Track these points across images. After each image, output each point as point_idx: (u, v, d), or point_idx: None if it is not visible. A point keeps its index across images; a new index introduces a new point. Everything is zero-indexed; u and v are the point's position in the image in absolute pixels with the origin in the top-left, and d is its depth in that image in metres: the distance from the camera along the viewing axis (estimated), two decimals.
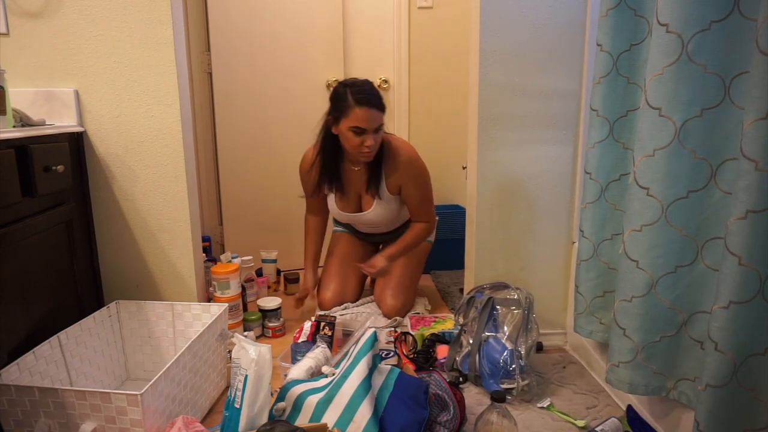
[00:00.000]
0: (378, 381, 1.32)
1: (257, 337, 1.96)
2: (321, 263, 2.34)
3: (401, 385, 1.33)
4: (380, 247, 2.29)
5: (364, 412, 1.21)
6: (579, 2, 1.67)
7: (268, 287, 2.44)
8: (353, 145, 1.90)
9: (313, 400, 1.26)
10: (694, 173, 1.12)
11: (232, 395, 1.25)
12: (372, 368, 1.32)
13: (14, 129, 1.32)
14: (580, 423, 1.41)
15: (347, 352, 1.45)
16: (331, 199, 2.16)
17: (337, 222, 2.37)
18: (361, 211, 2.14)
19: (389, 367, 1.41)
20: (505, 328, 1.59)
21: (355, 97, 1.83)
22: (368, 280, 2.35)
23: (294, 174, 2.22)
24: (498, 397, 1.22)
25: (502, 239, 1.82)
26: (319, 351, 1.55)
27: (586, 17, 1.67)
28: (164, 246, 1.72)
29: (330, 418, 1.22)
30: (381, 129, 1.91)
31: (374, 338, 1.38)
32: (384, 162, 2.02)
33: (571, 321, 1.67)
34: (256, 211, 2.73)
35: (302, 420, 1.24)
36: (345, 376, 1.29)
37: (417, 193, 2.07)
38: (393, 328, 1.98)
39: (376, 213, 2.11)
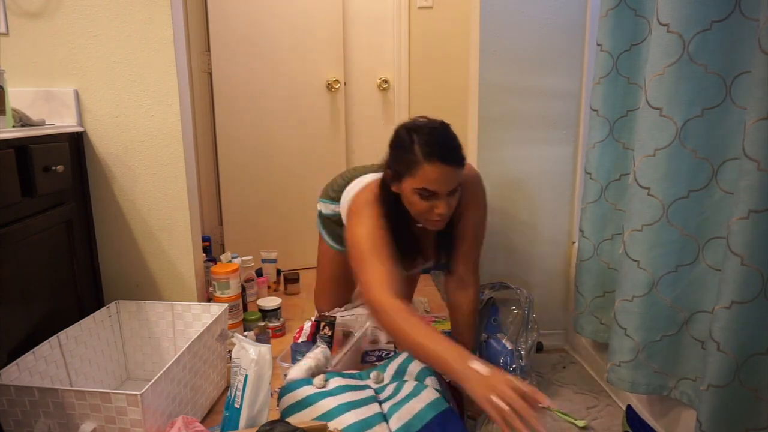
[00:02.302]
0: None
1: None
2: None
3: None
4: None
5: None
6: (579, 2, 1.67)
7: (268, 287, 2.44)
8: (419, 211, 1.34)
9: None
10: (695, 173, 1.12)
11: (232, 395, 1.25)
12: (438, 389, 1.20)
13: (14, 129, 1.32)
14: (581, 423, 1.41)
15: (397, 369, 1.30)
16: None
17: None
18: (415, 267, 1.62)
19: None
20: (505, 328, 1.59)
21: (425, 149, 1.28)
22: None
23: (294, 173, 2.21)
24: None
25: (502, 239, 1.82)
26: (319, 351, 1.55)
27: (586, 17, 1.67)
28: (164, 246, 1.72)
29: None
30: (458, 191, 1.34)
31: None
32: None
33: (572, 321, 1.67)
34: (256, 211, 2.73)
35: None
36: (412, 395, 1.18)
37: (473, 226, 1.47)
38: None
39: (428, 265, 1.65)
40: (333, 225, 1.81)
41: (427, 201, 1.32)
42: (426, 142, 1.30)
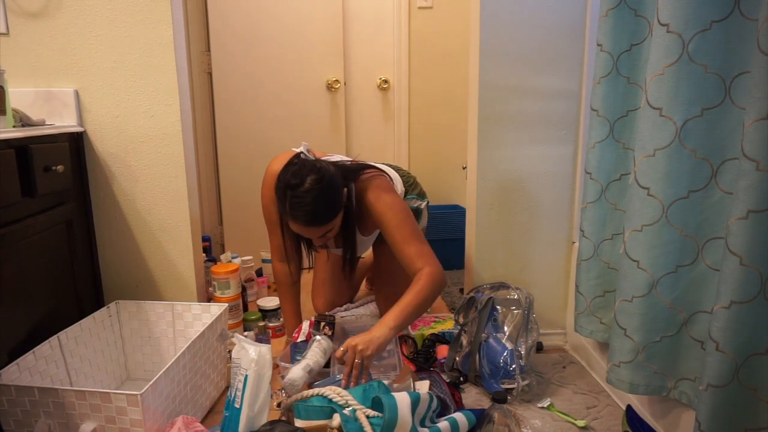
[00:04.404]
0: None
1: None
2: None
3: None
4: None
5: None
6: (579, 2, 1.67)
7: (268, 287, 2.44)
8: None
9: None
10: (695, 173, 1.12)
11: (232, 395, 1.25)
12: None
13: (14, 129, 1.32)
14: (581, 423, 1.41)
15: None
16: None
17: None
18: (320, 251, 1.88)
19: None
20: (505, 328, 1.59)
21: (293, 212, 1.47)
22: (366, 279, 2.35)
23: None
24: (499, 398, 1.22)
25: (502, 239, 1.82)
26: (315, 347, 1.55)
27: (586, 17, 1.67)
28: (164, 246, 1.72)
29: None
30: (332, 231, 1.57)
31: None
32: (358, 206, 1.64)
33: (571, 321, 1.67)
34: (256, 211, 2.72)
35: None
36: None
37: (396, 233, 1.58)
38: None
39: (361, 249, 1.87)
40: None
41: (305, 235, 1.58)
42: (293, 205, 1.47)
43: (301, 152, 1.63)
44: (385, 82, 2.87)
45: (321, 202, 1.48)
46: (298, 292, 1.87)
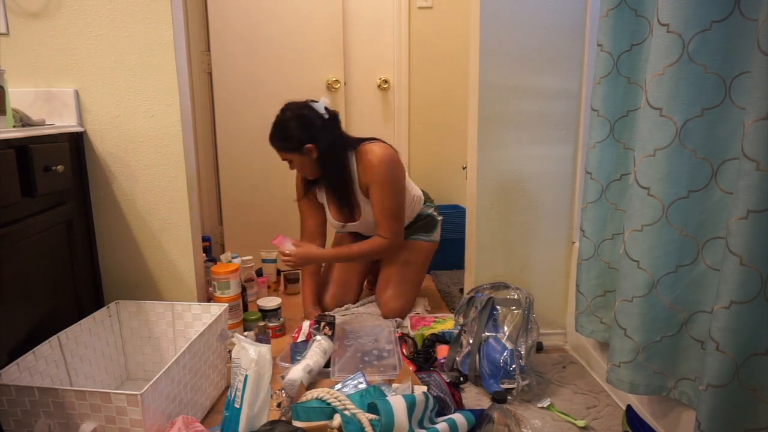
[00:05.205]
0: None
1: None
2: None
3: None
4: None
5: None
6: (579, 2, 1.67)
7: (268, 287, 2.44)
8: None
9: None
10: (695, 173, 1.12)
11: (232, 395, 1.25)
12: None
13: (14, 129, 1.32)
14: (581, 423, 1.41)
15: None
16: (327, 212, 2.12)
17: None
18: (354, 221, 2.08)
19: None
20: (505, 328, 1.59)
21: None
22: (367, 281, 2.35)
23: (294, 173, 2.22)
24: (499, 398, 1.22)
25: (502, 239, 1.82)
26: (315, 347, 1.55)
27: (586, 17, 1.67)
28: (164, 246, 1.72)
29: None
30: (293, 163, 1.95)
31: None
32: (358, 168, 1.97)
33: (571, 321, 1.67)
34: (256, 211, 2.73)
35: None
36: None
37: (378, 199, 1.94)
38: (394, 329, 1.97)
39: (365, 219, 2.05)
40: None
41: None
42: (273, 124, 1.92)
43: (316, 101, 1.95)
44: (385, 82, 2.87)
45: (282, 129, 1.89)
46: (319, 273, 2.14)
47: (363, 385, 1.40)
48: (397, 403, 1.20)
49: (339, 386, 1.42)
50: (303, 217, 2.14)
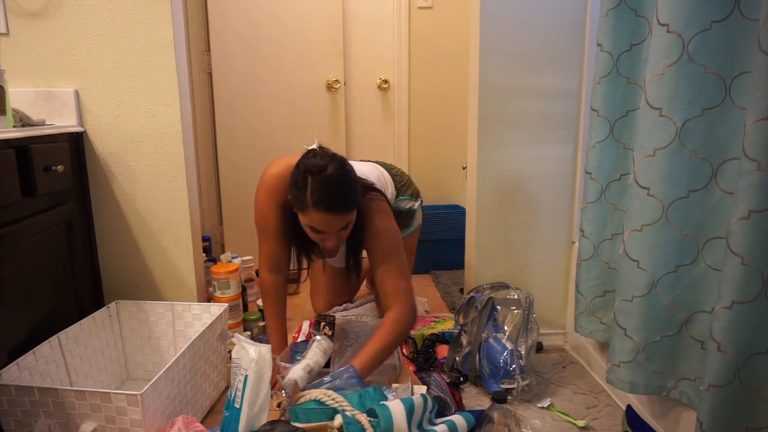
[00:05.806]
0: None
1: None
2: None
3: None
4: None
5: None
6: (579, 2, 1.67)
7: None
8: (312, 239, 1.55)
9: None
10: (695, 173, 1.12)
11: (232, 395, 1.25)
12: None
13: (14, 129, 1.32)
14: (581, 423, 1.41)
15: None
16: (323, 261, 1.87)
17: None
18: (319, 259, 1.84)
19: None
20: (505, 328, 1.59)
21: (314, 196, 1.40)
22: (366, 280, 2.35)
23: None
24: (499, 398, 1.22)
25: (502, 239, 1.82)
26: (315, 347, 1.54)
27: (586, 17, 1.67)
28: (164, 246, 1.72)
29: None
30: (348, 227, 1.51)
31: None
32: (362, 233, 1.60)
33: (571, 321, 1.67)
34: None
35: None
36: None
37: (382, 252, 1.56)
38: None
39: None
40: None
41: (318, 234, 1.48)
42: (315, 189, 1.40)
43: (314, 148, 1.56)
44: (385, 82, 2.87)
45: (345, 187, 1.44)
46: (284, 305, 1.73)
47: (354, 380, 1.37)
48: (395, 408, 1.20)
49: (329, 378, 1.38)
50: (270, 237, 1.66)
